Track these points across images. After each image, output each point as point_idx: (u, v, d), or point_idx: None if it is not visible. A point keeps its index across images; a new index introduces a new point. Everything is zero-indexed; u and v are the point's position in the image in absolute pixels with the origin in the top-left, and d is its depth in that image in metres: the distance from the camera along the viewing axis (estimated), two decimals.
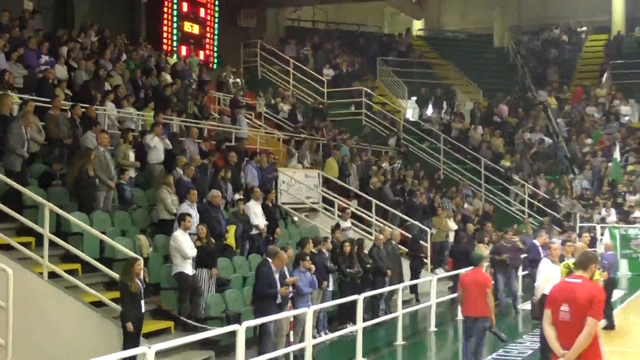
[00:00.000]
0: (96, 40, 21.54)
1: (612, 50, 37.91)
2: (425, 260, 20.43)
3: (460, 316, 13.98)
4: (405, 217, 21.74)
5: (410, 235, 20.66)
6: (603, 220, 26.19)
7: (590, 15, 41.13)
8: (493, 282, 16.77)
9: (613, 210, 26.61)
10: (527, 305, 16.75)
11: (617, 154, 28.05)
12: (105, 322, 11.51)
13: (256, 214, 16.59)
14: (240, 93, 25.19)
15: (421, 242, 20.46)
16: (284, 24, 35.38)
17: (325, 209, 21.02)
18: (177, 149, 17.21)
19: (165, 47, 25.98)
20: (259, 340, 12.35)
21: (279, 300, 12.38)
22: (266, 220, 16.81)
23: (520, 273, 19.84)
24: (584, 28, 41.62)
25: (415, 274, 19.38)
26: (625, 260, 25.19)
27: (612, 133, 31.57)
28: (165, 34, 26.31)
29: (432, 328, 16.06)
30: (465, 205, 24.78)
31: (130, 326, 10.84)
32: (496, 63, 39.61)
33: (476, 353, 12.24)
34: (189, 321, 12.50)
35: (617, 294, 19.33)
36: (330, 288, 15.40)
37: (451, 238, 21.77)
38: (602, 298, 7.25)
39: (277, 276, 12.48)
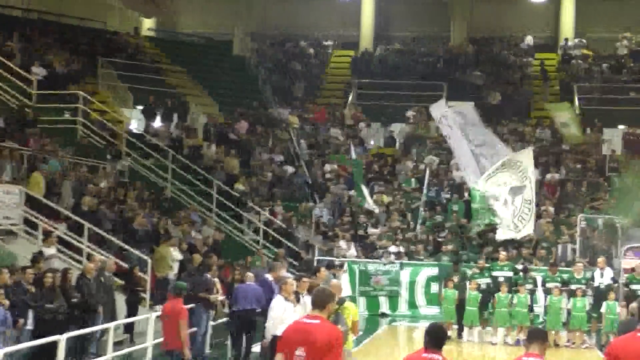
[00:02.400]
0: None
1: (359, 67, 39.73)
2: (143, 294, 20.25)
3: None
4: (123, 245, 21.43)
5: (127, 266, 20.40)
6: (342, 254, 26.94)
7: (339, 28, 42.95)
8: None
9: (353, 244, 27.57)
10: (256, 348, 17.06)
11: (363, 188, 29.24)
12: None
13: None
14: None
15: (140, 273, 20.26)
16: None
17: (27, 232, 20.32)
18: None
19: None
20: None
21: None
22: None
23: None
24: (330, 42, 43.22)
25: (131, 311, 19.17)
26: (363, 298, 25.92)
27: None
28: None
29: None
30: (193, 233, 24.85)
31: None
32: (236, 74, 40.17)
33: None
34: None
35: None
36: (29, 326, 14.89)
37: (175, 269, 21.74)
38: (342, 341, 7.52)
39: None
